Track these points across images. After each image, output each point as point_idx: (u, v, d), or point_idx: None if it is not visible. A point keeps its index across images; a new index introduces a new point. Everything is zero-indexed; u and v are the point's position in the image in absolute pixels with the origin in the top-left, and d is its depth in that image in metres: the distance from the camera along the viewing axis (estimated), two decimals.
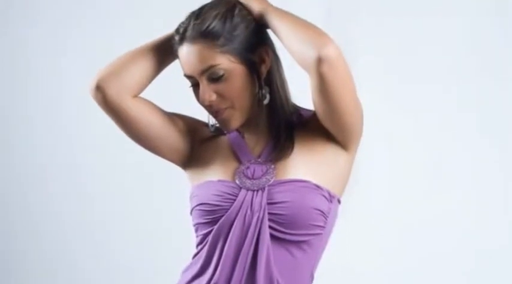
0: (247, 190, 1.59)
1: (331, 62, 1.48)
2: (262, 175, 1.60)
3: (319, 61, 1.47)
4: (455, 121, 2.93)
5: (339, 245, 1.98)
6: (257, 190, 1.58)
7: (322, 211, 1.57)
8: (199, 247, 1.63)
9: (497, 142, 2.92)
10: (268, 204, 1.56)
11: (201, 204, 1.61)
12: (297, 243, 1.58)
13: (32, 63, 3.24)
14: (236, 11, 1.59)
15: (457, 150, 2.93)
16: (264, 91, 1.62)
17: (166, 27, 1.67)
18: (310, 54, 1.48)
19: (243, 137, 1.68)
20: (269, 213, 1.56)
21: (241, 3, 1.61)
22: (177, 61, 1.64)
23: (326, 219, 1.59)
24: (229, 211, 1.58)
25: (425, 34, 2.93)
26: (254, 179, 1.60)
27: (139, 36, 1.80)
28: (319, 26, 1.54)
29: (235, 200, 1.58)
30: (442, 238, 2.92)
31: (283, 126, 1.64)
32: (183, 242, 2.00)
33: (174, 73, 1.70)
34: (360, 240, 2.90)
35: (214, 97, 1.58)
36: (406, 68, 2.94)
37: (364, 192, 2.70)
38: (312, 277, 1.63)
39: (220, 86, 1.57)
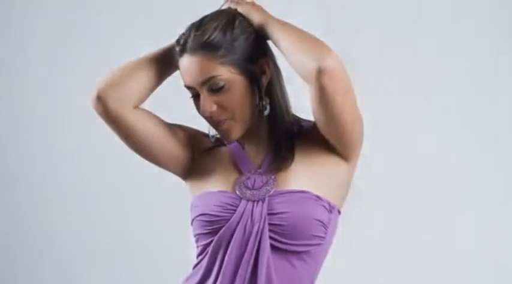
0: (248, 200, 1.59)
1: (331, 73, 1.48)
2: (262, 186, 1.60)
3: (320, 72, 1.48)
4: (456, 133, 2.93)
5: (339, 255, 1.97)
6: (257, 201, 1.58)
7: (322, 222, 1.57)
8: (200, 258, 1.63)
9: (498, 156, 2.92)
10: (269, 214, 1.56)
11: (201, 214, 1.61)
12: (298, 253, 1.58)
13: (31, 69, 3.26)
14: (236, 23, 1.59)
15: (458, 161, 2.93)
16: (264, 102, 1.62)
17: (166, 38, 1.68)
18: (310, 65, 1.49)
19: (243, 148, 1.68)
20: (269, 224, 1.56)
21: (241, 15, 1.61)
22: (177, 72, 1.65)
23: (326, 230, 1.59)
24: (230, 221, 1.58)
25: (425, 52, 2.94)
26: (254, 190, 1.60)
27: (139, 47, 1.81)
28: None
29: (235, 211, 1.58)
30: (442, 247, 2.92)
31: (284, 137, 1.64)
32: (183, 253, 2.00)
33: (175, 84, 1.70)
34: (361, 251, 2.90)
35: (214, 108, 1.58)
36: (406, 82, 2.95)
37: (364, 203, 2.71)
38: None
39: (220, 97, 1.58)
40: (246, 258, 1.56)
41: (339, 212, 1.65)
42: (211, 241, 1.59)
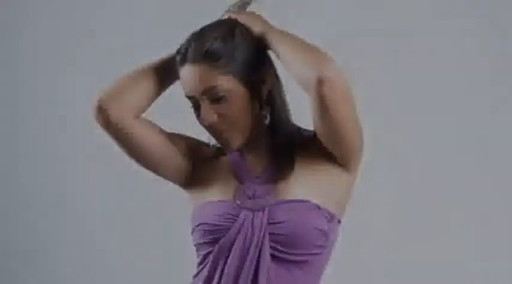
0: (248, 210, 1.59)
1: (331, 83, 1.48)
2: (263, 195, 1.60)
3: (319, 83, 1.48)
4: (459, 145, 2.93)
5: (339, 265, 1.97)
6: (258, 210, 1.58)
7: (322, 231, 1.57)
8: (200, 267, 1.63)
9: (501, 173, 2.92)
10: (269, 223, 1.57)
11: (201, 223, 1.61)
12: (298, 263, 1.58)
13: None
14: (237, 32, 1.59)
15: (459, 175, 2.94)
16: (264, 111, 1.62)
17: (167, 48, 1.68)
18: (310, 76, 1.48)
19: (243, 157, 1.68)
20: (270, 233, 1.56)
21: (242, 24, 1.61)
22: (178, 82, 1.65)
23: (326, 239, 1.59)
24: (230, 231, 1.58)
25: (427, 60, 2.95)
26: (255, 199, 1.60)
27: (141, 56, 1.81)
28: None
29: (236, 220, 1.58)
30: (441, 259, 2.92)
31: (284, 146, 1.64)
32: (183, 262, 2.00)
33: (175, 94, 1.70)
34: (361, 260, 2.90)
35: (215, 118, 1.58)
36: (408, 92, 2.95)
37: (365, 212, 2.71)
38: None
39: (221, 107, 1.58)
40: (246, 267, 1.56)
41: (339, 221, 1.65)
42: (212, 251, 1.60)
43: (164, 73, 1.66)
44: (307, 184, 1.60)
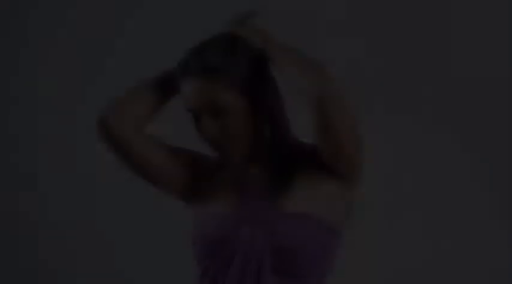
0: (249, 223, 1.59)
1: (331, 100, 1.48)
2: (263, 209, 1.60)
3: (319, 99, 1.48)
4: (456, 163, 2.94)
5: (341, 278, 1.97)
6: (258, 224, 1.58)
7: (323, 245, 1.58)
8: (201, 280, 1.63)
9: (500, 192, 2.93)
10: (270, 237, 1.57)
11: (202, 237, 1.61)
12: (299, 277, 1.58)
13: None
14: (238, 46, 1.59)
15: (455, 188, 2.95)
16: (265, 125, 1.62)
17: (168, 62, 1.69)
18: (311, 92, 1.49)
19: (244, 170, 1.67)
20: (270, 247, 1.56)
21: (243, 38, 1.62)
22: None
23: (327, 252, 1.60)
24: (231, 244, 1.58)
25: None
26: (255, 212, 1.60)
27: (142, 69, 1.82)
28: None
29: (236, 233, 1.59)
30: (441, 268, 2.93)
31: (285, 159, 1.64)
32: (184, 275, 2.00)
33: (176, 106, 1.71)
34: (362, 273, 2.90)
35: (216, 131, 1.59)
36: (408, 108, 2.96)
37: (366, 224, 2.71)
38: None
39: (221, 120, 1.58)
40: (247, 281, 1.57)
41: (340, 234, 1.65)
42: (212, 264, 1.60)
43: (165, 87, 1.66)
44: (307, 197, 1.60)
